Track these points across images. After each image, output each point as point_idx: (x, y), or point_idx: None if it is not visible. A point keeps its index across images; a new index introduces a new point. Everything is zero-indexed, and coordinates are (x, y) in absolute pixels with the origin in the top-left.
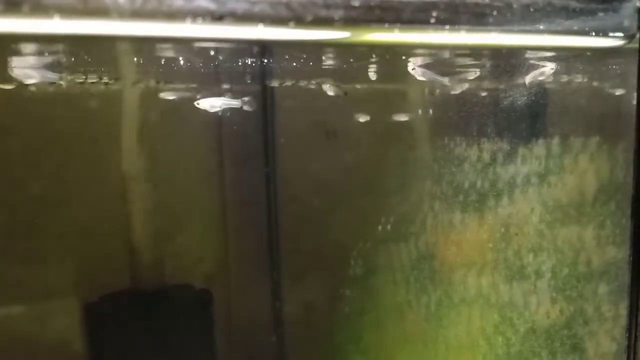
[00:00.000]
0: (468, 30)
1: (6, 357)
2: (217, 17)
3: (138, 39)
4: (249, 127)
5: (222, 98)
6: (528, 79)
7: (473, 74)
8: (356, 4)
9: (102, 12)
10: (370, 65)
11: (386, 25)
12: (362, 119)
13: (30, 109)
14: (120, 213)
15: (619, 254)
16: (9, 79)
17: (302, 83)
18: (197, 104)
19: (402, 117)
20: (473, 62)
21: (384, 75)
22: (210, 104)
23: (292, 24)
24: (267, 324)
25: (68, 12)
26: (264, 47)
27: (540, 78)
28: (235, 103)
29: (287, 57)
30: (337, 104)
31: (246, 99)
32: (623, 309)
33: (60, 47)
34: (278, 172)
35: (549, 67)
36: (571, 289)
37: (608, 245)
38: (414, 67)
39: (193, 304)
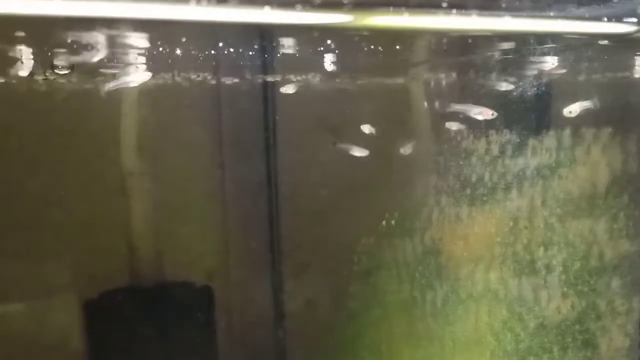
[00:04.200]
0: (479, 15)
1: (6, 354)
2: None
3: (141, 21)
4: (250, 123)
5: None
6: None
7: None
8: None
9: None
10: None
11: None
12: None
13: (27, 104)
14: (119, 209)
15: (632, 247)
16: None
17: (304, 77)
18: None
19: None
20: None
21: (386, 68)
22: None
23: (299, 6)
24: (269, 320)
25: None
26: (267, 38)
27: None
28: None
29: (289, 49)
30: (340, 99)
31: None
32: (636, 303)
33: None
34: (279, 168)
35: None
36: (583, 283)
37: (621, 239)
38: None
39: (194, 300)
